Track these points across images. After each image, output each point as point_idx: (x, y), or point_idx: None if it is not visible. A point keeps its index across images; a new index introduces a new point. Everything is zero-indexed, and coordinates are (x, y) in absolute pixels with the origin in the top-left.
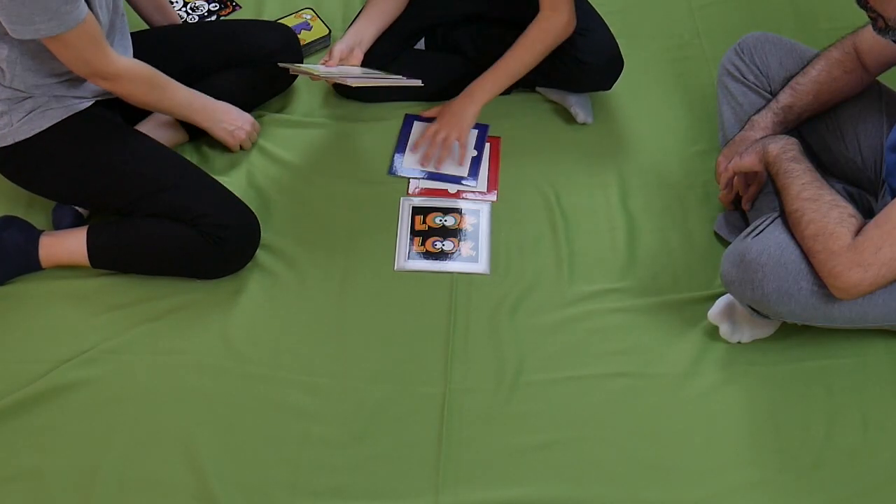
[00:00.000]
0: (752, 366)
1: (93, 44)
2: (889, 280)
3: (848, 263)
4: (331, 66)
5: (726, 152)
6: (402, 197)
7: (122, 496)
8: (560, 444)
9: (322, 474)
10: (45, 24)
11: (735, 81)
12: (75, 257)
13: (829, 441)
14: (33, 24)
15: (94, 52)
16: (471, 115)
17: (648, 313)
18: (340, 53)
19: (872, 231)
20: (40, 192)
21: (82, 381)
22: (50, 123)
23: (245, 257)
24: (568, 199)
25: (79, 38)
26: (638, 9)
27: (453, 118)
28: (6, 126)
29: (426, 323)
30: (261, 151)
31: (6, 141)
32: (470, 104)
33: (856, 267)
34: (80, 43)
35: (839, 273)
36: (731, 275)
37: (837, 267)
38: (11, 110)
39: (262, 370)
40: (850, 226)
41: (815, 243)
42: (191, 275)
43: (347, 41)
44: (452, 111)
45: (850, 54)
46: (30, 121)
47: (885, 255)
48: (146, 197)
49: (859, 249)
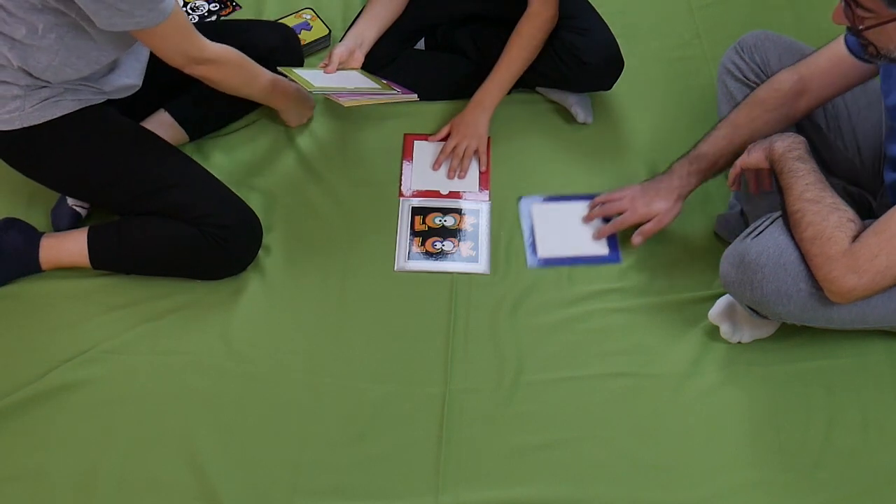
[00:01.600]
0: (752, 366)
1: (187, 31)
2: (884, 287)
3: (843, 269)
4: (330, 71)
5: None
6: (402, 198)
7: (122, 496)
8: (560, 444)
9: (322, 474)
10: (146, 16)
11: (735, 80)
12: (76, 259)
13: (829, 441)
14: (133, 16)
15: (190, 39)
16: (484, 122)
17: (648, 313)
18: (340, 57)
19: (870, 238)
20: (40, 180)
21: (82, 381)
22: (61, 113)
23: (247, 258)
24: None
25: (174, 28)
26: (638, 9)
27: (469, 129)
28: (17, 110)
29: (426, 323)
30: (261, 151)
31: (13, 125)
32: (481, 112)
33: (851, 273)
34: (175, 33)
35: (834, 278)
36: (731, 276)
37: (833, 272)
38: (27, 96)
39: (262, 370)
40: (848, 230)
41: (813, 246)
42: (193, 275)
43: (347, 43)
44: (466, 122)
45: (778, 90)
46: (42, 108)
47: (881, 264)
48: (148, 194)
49: (856, 256)
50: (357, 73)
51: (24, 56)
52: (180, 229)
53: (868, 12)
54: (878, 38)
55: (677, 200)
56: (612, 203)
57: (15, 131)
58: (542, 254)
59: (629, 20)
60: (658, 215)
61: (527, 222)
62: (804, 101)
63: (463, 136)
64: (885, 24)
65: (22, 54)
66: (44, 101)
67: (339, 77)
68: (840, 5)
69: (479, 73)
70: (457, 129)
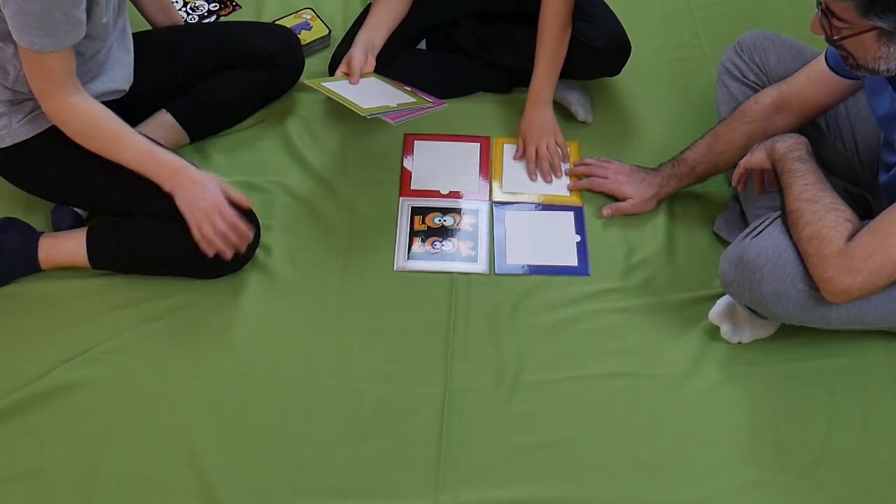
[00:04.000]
0: (752, 366)
1: (64, 75)
2: (879, 287)
3: (838, 268)
4: (354, 82)
5: (624, 172)
6: (402, 197)
7: (122, 496)
8: (560, 444)
9: (322, 474)
10: (41, 40)
11: (735, 80)
12: (75, 259)
13: (829, 441)
14: (29, 35)
15: (62, 81)
16: (550, 116)
17: (648, 313)
18: (360, 64)
19: (865, 237)
20: (39, 194)
21: (82, 381)
22: (49, 125)
23: (245, 257)
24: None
25: (57, 62)
26: (638, 9)
27: (540, 129)
28: (5, 127)
29: (426, 323)
30: (261, 151)
31: (5, 142)
32: (542, 107)
33: (845, 273)
34: (55, 67)
35: (829, 277)
36: (730, 276)
37: (828, 271)
38: (11, 112)
39: (262, 370)
40: (844, 230)
41: (810, 246)
42: (191, 275)
43: (362, 47)
44: (535, 123)
45: (759, 104)
46: (29, 122)
47: (876, 263)
48: (144, 199)
49: (850, 255)
50: (375, 78)
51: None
52: (179, 228)
53: (843, 23)
54: (854, 49)
55: (653, 198)
56: (597, 166)
57: (7, 149)
58: (511, 260)
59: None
60: (631, 199)
61: (499, 228)
62: (782, 117)
63: (539, 136)
64: (861, 34)
65: None
66: (29, 114)
67: (366, 88)
68: (816, 15)
69: (482, 71)
70: (528, 134)
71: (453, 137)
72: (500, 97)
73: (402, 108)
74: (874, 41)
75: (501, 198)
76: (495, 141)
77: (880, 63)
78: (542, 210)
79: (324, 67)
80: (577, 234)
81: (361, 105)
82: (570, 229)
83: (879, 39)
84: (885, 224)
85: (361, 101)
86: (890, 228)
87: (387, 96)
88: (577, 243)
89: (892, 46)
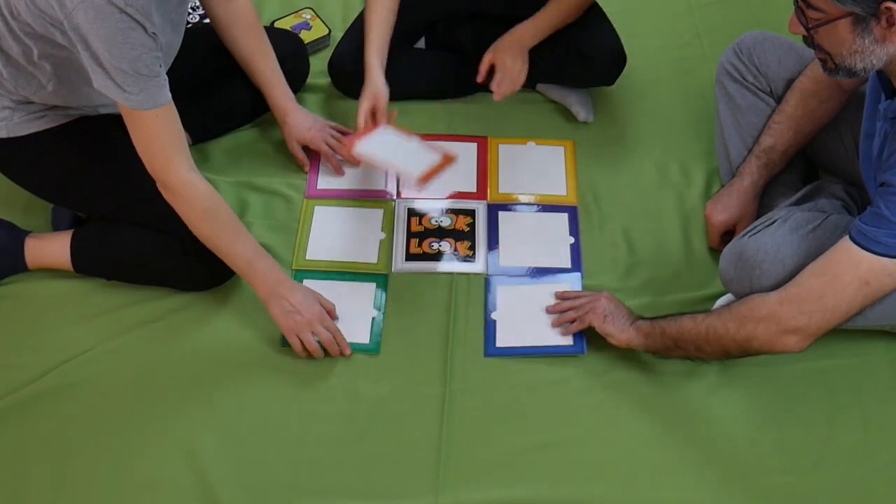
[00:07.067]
0: (752, 366)
1: (166, 141)
2: (835, 325)
3: (788, 313)
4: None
5: (714, 204)
6: (397, 199)
7: (122, 496)
8: (560, 444)
9: (322, 474)
10: (134, 97)
11: (734, 82)
12: (59, 261)
13: (829, 441)
14: (123, 91)
15: (163, 152)
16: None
17: (648, 313)
18: (366, 116)
19: (812, 281)
20: (27, 188)
21: (82, 381)
22: (48, 126)
23: (228, 271)
24: None
25: (157, 126)
26: (638, 9)
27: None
28: (5, 119)
29: (426, 323)
30: (261, 152)
31: (1, 133)
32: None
33: (798, 314)
34: (155, 134)
35: (783, 322)
36: (729, 272)
37: (780, 322)
38: (17, 109)
39: (261, 370)
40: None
41: (744, 330)
42: (173, 286)
43: (368, 101)
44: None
45: (822, 83)
46: (30, 121)
47: (828, 303)
48: (130, 205)
49: (800, 299)
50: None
51: (15, 75)
52: (162, 240)
53: (818, 12)
54: (829, 41)
55: (754, 199)
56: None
57: (2, 140)
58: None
59: (629, 20)
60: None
61: (493, 229)
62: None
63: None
64: (835, 20)
65: (14, 73)
66: (32, 114)
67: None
68: (793, 14)
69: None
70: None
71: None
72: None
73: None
74: (849, 31)
75: (498, 198)
76: (491, 141)
77: (857, 60)
78: (538, 212)
79: (324, 67)
80: (570, 235)
81: (413, 172)
82: (565, 230)
83: (854, 29)
84: (831, 265)
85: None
86: (838, 269)
87: (418, 155)
88: (570, 245)
89: (867, 38)
